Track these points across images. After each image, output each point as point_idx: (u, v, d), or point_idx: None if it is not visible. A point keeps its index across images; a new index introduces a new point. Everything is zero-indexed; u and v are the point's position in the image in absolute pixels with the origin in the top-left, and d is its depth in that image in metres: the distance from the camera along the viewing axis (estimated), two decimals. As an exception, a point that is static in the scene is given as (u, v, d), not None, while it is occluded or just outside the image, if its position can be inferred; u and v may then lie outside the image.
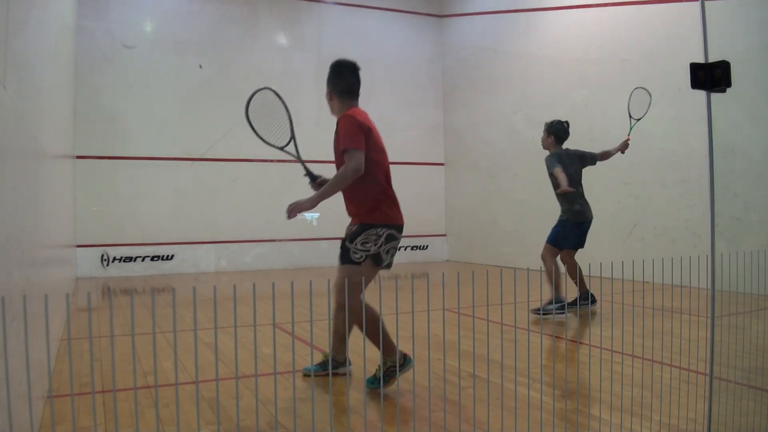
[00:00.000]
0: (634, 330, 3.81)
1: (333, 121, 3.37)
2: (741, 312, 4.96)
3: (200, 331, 4.80)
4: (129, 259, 9.76)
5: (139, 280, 9.15)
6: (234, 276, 9.58)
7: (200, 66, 10.01)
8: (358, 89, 3.41)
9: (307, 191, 3.32)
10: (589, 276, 4.78)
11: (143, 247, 9.87)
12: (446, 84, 12.25)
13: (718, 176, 2.40)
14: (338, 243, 3.20)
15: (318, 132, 11.03)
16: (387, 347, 3.08)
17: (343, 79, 3.37)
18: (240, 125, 3.60)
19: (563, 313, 5.18)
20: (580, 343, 4.12)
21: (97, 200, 9.57)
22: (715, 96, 2.25)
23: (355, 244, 3.09)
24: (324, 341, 4.36)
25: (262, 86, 3.55)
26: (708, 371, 2.32)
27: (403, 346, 4.17)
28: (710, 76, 2.19)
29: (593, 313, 5.44)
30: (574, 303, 5.43)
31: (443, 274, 9.14)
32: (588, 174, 6.07)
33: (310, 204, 3.00)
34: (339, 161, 3.19)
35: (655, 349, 3.81)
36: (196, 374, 1.98)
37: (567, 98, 9.21)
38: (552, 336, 4.47)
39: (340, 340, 3.30)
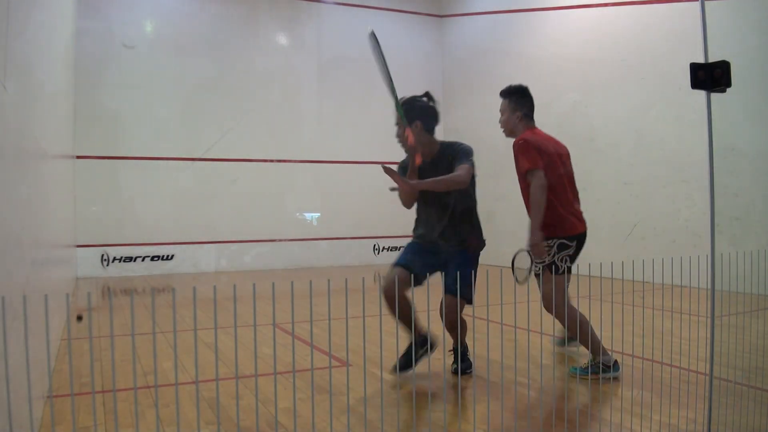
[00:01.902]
0: (634, 330, 3.81)
1: (334, 120, 3.35)
2: (741, 312, 4.96)
3: (200, 331, 4.79)
4: (129, 259, 9.76)
5: (139, 280, 9.15)
6: (234, 276, 9.57)
7: None
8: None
9: (303, 191, 3.31)
10: (589, 275, 4.74)
11: (143, 247, 9.87)
12: (446, 84, 12.24)
13: (718, 176, 2.40)
14: (338, 242, 3.20)
15: (320, 132, 11.13)
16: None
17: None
18: (240, 125, 3.59)
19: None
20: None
21: (97, 200, 9.57)
22: (715, 96, 2.25)
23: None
24: (324, 341, 4.36)
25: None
26: (708, 371, 2.32)
27: (403, 345, 4.17)
28: (710, 76, 2.19)
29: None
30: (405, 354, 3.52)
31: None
32: (588, 173, 6.05)
33: (537, 235, 3.44)
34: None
35: (655, 349, 3.81)
36: (196, 374, 1.98)
37: (567, 98, 9.21)
38: (552, 336, 4.47)
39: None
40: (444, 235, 3.59)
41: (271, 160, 10.64)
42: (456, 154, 3.52)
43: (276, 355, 2.19)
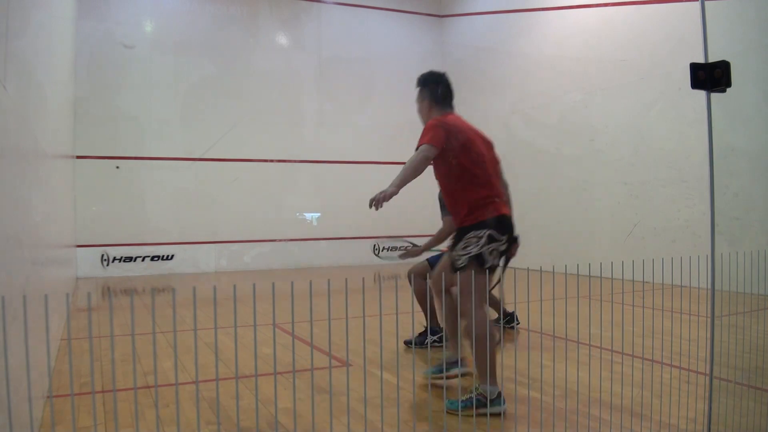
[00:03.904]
0: (634, 330, 3.81)
1: (334, 120, 3.37)
2: (741, 312, 4.96)
3: (200, 331, 4.79)
4: (129, 259, 9.76)
5: (139, 280, 9.14)
6: (234, 276, 9.57)
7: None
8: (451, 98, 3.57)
9: (303, 191, 3.32)
10: (589, 275, 4.74)
11: (143, 247, 9.87)
12: (446, 84, 12.24)
13: (718, 176, 2.40)
14: (338, 242, 3.18)
15: (320, 132, 11.13)
16: (487, 373, 2.83)
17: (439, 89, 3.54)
18: (240, 125, 3.61)
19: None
20: (579, 343, 4.12)
21: (97, 200, 9.57)
22: (715, 96, 2.25)
23: (457, 250, 3.07)
24: (324, 341, 4.36)
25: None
26: (708, 371, 2.32)
27: (403, 345, 4.17)
28: (710, 76, 2.19)
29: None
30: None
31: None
32: (588, 173, 6.04)
33: (394, 190, 2.85)
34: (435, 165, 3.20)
35: (655, 349, 3.81)
36: (196, 374, 1.98)
37: (566, 98, 9.21)
38: (552, 336, 4.47)
39: (453, 337, 3.29)
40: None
41: (272, 160, 10.63)
42: None
43: (276, 355, 2.19)
